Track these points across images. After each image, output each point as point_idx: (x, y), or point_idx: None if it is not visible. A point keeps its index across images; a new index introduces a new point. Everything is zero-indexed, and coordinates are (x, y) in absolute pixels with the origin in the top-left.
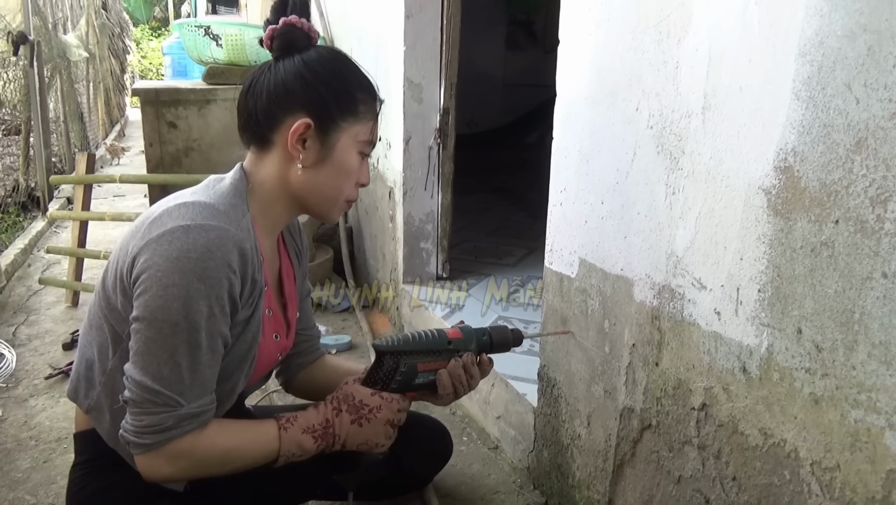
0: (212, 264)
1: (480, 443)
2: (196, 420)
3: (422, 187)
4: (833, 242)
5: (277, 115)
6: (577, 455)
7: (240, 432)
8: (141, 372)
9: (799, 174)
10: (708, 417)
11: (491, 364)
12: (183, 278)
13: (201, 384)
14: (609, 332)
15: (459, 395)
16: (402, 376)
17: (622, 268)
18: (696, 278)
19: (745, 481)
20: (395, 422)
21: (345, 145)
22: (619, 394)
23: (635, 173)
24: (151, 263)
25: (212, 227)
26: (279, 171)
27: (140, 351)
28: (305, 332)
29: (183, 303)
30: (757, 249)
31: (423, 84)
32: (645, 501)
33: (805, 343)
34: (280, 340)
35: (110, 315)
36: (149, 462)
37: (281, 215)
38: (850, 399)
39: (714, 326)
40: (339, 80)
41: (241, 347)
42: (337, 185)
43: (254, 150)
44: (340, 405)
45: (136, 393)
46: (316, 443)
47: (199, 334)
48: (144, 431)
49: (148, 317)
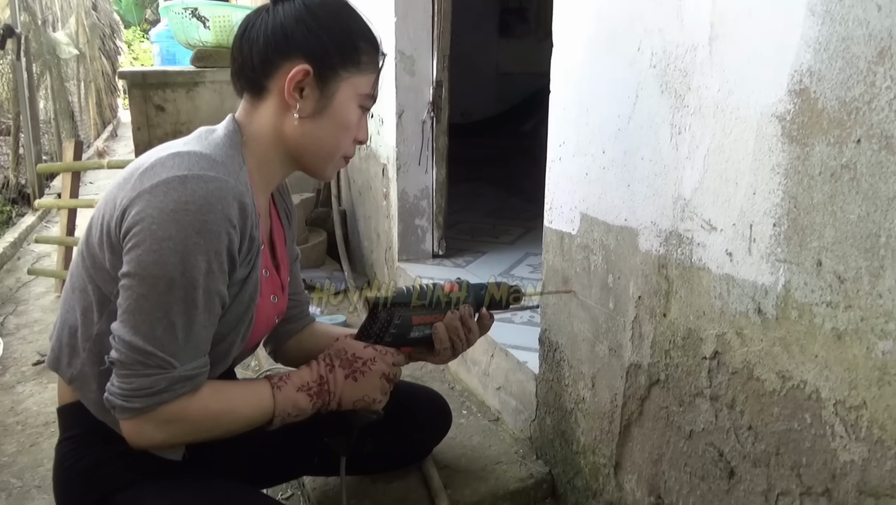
0: (211, 217)
1: (480, 416)
2: (189, 383)
3: (416, 162)
4: (855, 164)
5: (274, 61)
6: (581, 419)
7: (232, 395)
8: (132, 332)
9: (816, 95)
10: (720, 366)
11: (491, 319)
12: (180, 231)
13: (196, 346)
14: (613, 286)
15: (457, 351)
16: (397, 329)
17: (626, 218)
18: (705, 220)
19: (762, 429)
20: (391, 376)
21: (345, 96)
22: (624, 351)
23: (638, 117)
24: (145, 215)
25: (211, 178)
26: (274, 122)
27: (131, 309)
28: (294, 297)
29: (180, 258)
30: (771, 181)
31: (415, 56)
32: (654, 460)
33: (826, 275)
34: (278, 302)
35: (96, 275)
36: (137, 428)
37: (276, 171)
38: (876, 330)
39: (726, 269)
40: (342, 27)
41: (238, 307)
42: (334, 138)
43: (247, 99)
44: (333, 361)
45: (125, 354)
46: (311, 401)
47: (196, 292)
48: (134, 394)
49: (141, 272)
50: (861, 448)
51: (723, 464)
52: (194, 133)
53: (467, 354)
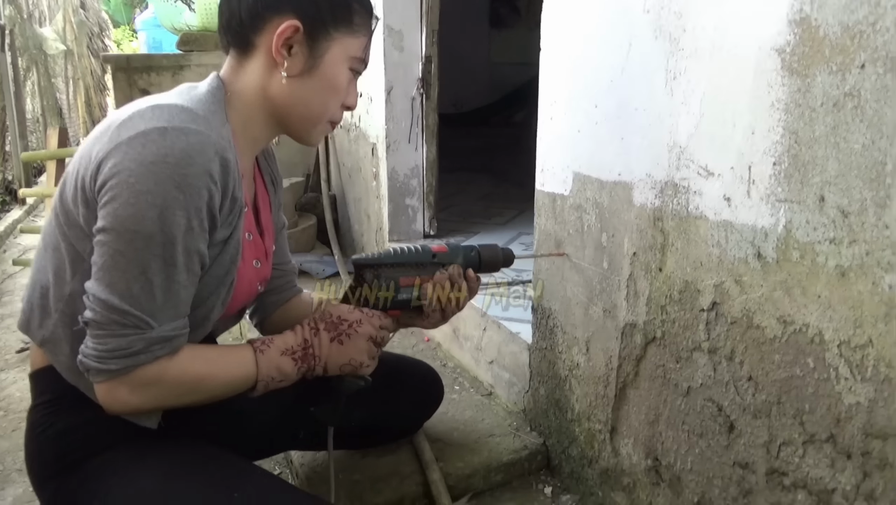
0: (192, 171)
1: (473, 391)
2: (168, 345)
3: (405, 140)
4: (859, 91)
5: (263, 16)
6: (575, 386)
7: (213, 358)
8: (107, 289)
9: (817, 23)
10: (718, 317)
11: (478, 281)
12: (159, 185)
13: (174, 306)
14: (607, 245)
15: (447, 314)
16: (384, 291)
17: (620, 172)
18: (701, 166)
19: (763, 379)
20: (378, 339)
21: (335, 57)
22: (619, 311)
23: (631, 66)
24: (122, 168)
25: (192, 131)
26: (260, 81)
27: (106, 266)
28: (281, 266)
29: (159, 212)
30: (770, 118)
31: (403, 31)
32: (651, 421)
33: (829, 211)
34: (261, 268)
35: (70, 232)
36: (112, 391)
37: (261, 132)
38: (882, 263)
39: (724, 215)
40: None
41: (219, 269)
42: (322, 100)
43: (233, 56)
44: (318, 324)
45: (99, 313)
46: (296, 365)
47: (175, 250)
48: (109, 355)
49: (117, 227)
50: (867, 389)
51: (722, 419)
52: (176, 88)
53: (459, 330)
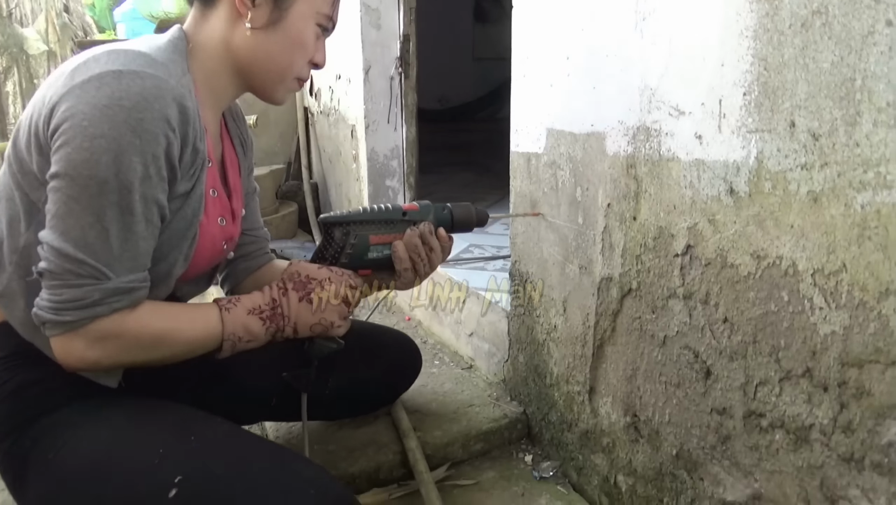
0: (148, 116)
1: (453, 365)
2: (126, 297)
3: (384, 120)
4: (827, 7)
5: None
6: (553, 349)
7: (176, 313)
8: (61, 237)
9: None
10: (693, 261)
11: (450, 241)
12: (114, 129)
13: (133, 257)
14: (582, 200)
15: (420, 273)
16: (353, 249)
17: (592, 123)
18: (672, 106)
19: (738, 319)
20: (348, 298)
21: (301, 11)
22: (595, 266)
23: (601, 11)
24: (76, 111)
25: (148, 75)
26: (223, 32)
27: (60, 213)
28: (252, 232)
29: (114, 157)
30: (739, 48)
31: (380, 9)
32: (628, 377)
33: (799, 136)
34: (226, 226)
35: (23, 180)
36: (67, 344)
37: (225, 88)
38: (854, 183)
39: (696, 153)
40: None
41: (180, 223)
42: (288, 56)
43: (196, 8)
44: (286, 284)
45: (54, 263)
46: (264, 325)
47: (131, 197)
48: (64, 306)
49: (70, 172)
50: (842, 316)
51: (698, 365)
52: (136, 38)
53: (439, 305)
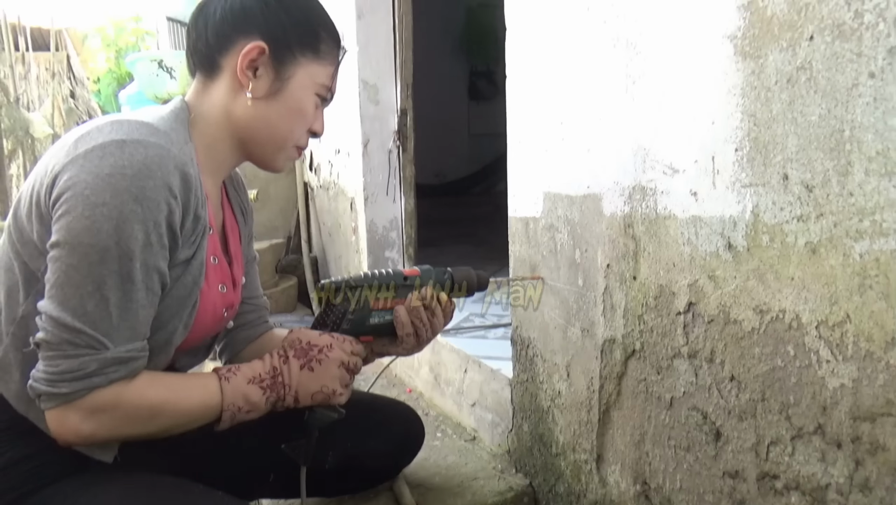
0: (150, 184)
1: (456, 437)
2: (124, 367)
3: (383, 192)
4: (810, 62)
5: (230, 37)
6: (558, 417)
7: (174, 384)
8: (59, 307)
9: (764, 3)
10: (696, 318)
11: (452, 306)
12: (115, 197)
13: (132, 326)
14: (581, 261)
15: (421, 338)
16: (355, 315)
17: (588, 185)
18: (667, 165)
19: (745, 376)
20: (350, 365)
21: (300, 82)
22: (597, 328)
23: (593, 77)
24: (78, 180)
25: (151, 144)
26: (225, 102)
27: (59, 282)
28: (252, 301)
29: (115, 225)
30: (729, 105)
31: (378, 85)
32: (636, 442)
33: (793, 188)
34: (227, 294)
35: (23, 249)
36: (62, 418)
37: (226, 157)
38: (851, 232)
39: (692, 210)
40: (304, 12)
41: (181, 290)
42: (287, 123)
43: (199, 79)
44: (287, 351)
45: (51, 333)
46: (264, 395)
47: (132, 265)
48: (60, 377)
49: (71, 241)
50: (850, 368)
51: (707, 427)
52: (139, 110)
53: (441, 376)
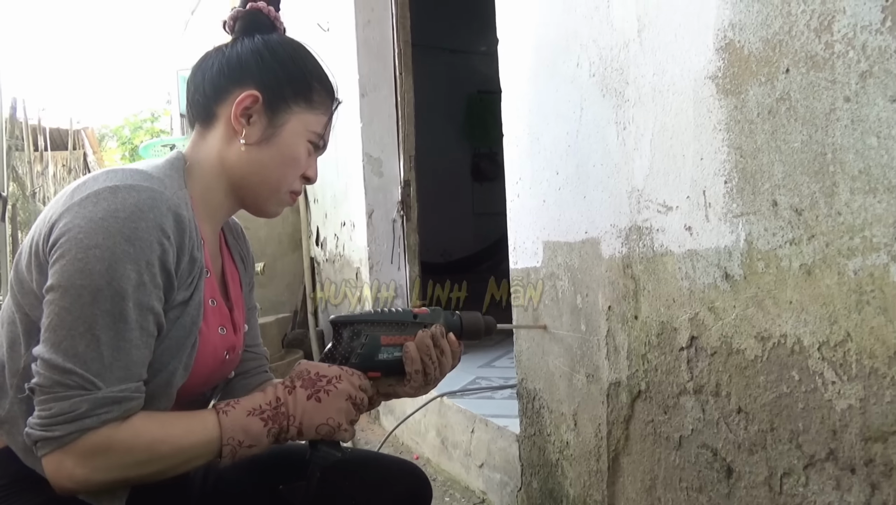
0: (142, 225)
1: (464, 501)
2: (117, 407)
3: (388, 261)
4: (788, 93)
5: (226, 87)
6: (567, 469)
7: (169, 421)
8: (52, 349)
9: (740, 43)
10: (699, 352)
11: (461, 347)
12: (108, 239)
13: (125, 366)
14: (582, 306)
15: (429, 377)
16: (364, 349)
17: (586, 230)
18: (660, 203)
19: (752, 407)
20: (357, 400)
21: (293, 129)
22: (602, 372)
23: (585, 127)
24: (72, 226)
25: (143, 188)
26: (219, 150)
27: (52, 325)
28: (252, 349)
29: (107, 266)
30: (715, 140)
31: (382, 158)
32: (648, 488)
33: (783, 213)
34: (227, 335)
35: (24, 300)
36: (57, 464)
37: (221, 203)
38: (843, 251)
39: (688, 244)
40: (297, 64)
41: (179, 331)
42: (280, 171)
43: (196, 131)
44: (294, 382)
45: (43, 376)
46: (266, 426)
47: (124, 304)
48: (53, 420)
49: (64, 284)
50: (855, 388)
51: (718, 464)
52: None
53: (448, 439)
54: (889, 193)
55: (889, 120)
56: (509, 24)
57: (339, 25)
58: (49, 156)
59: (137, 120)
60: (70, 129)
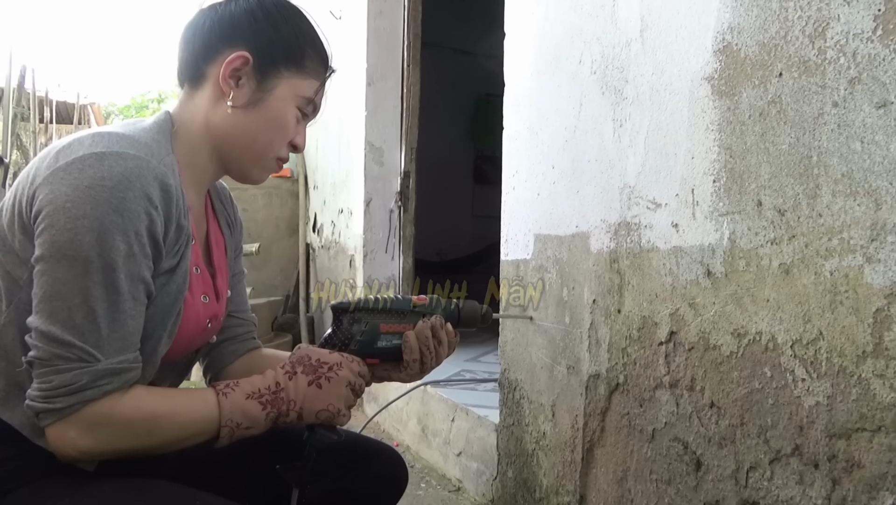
0: (130, 195)
1: (440, 487)
2: (117, 379)
3: (382, 250)
4: (780, 96)
5: (216, 46)
6: (542, 459)
7: (171, 396)
8: (48, 320)
9: (738, 46)
10: (677, 347)
11: (457, 337)
12: (96, 209)
13: (122, 337)
14: (568, 299)
15: (426, 365)
16: (364, 337)
17: (577, 224)
18: (650, 200)
19: (724, 401)
20: (356, 386)
21: (282, 94)
22: (582, 364)
23: (583, 123)
24: (58, 194)
25: (130, 156)
26: (206, 110)
27: (46, 296)
28: (239, 315)
29: (97, 236)
30: (707, 140)
31: (384, 148)
32: (619, 479)
33: (767, 213)
34: (210, 304)
35: (5, 258)
36: (61, 434)
37: (205, 167)
38: (821, 252)
39: (673, 241)
40: (291, 28)
41: (165, 299)
42: (266, 134)
43: (185, 91)
44: (295, 367)
45: (42, 349)
46: (264, 410)
47: (116, 275)
48: (54, 393)
49: (55, 254)
50: (824, 385)
51: (688, 457)
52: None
53: (429, 427)
54: (868, 197)
55: (874, 126)
56: (517, 18)
57: (352, 14)
58: (54, 128)
59: (144, 100)
60: (77, 103)
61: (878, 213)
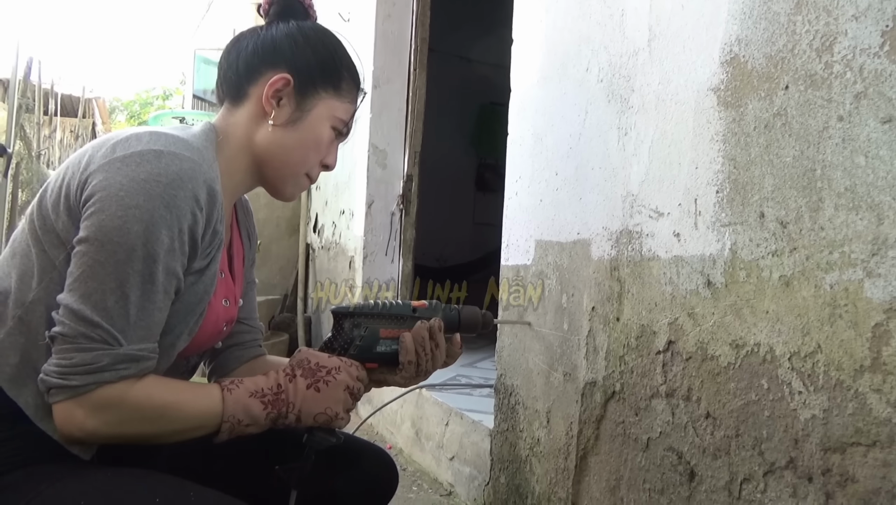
0: (181, 194)
1: (432, 491)
2: (135, 365)
3: (383, 252)
4: (786, 109)
5: (259, 68)
6: (536, 466)
7: (179, 388)
8: (80, 299)
9: (745, 59)
10: (674, 356)
11: (460, 348)
12: (148, 202)
13: (147, 326)
14: (567, 306)
15: (422, 369)
16: (363, 341)
17: (578, 231)
18: (652, 209)
19: (720, 412)
20: (354, 390)
21: (320, 114)
22: (579, 371)
23: (588, 131)
24: (113, 182)
25: (185, 158)
26: (247, 127)
27: (83, 276)
28: (248, 322)
29: (145, 227)
30: (711, 150)
31: (387, 151)
32: (612, 487)
33: (769, 225)
34: (229, 308)
35: (44, 237)
36: (69, 412)
37: (242, 179)
38: (822, 265)
39: (674, 251)
40: (329, 51)
41: (192, 297)
42: (302, 152)
43: (226, 107)
44: (295, 370)
45: (68, 326)
46: (265, 410)
47: (155, 267)
48: (72, 370)
49: (101, 238)
50: (820, 398)
51: (682, 467)
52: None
53: (422, 430)
54: (871, 211)
55: (878, 140)
56: (525, 25)
57: (360, 16)
58: (58, 121)
59: (149, 96)
60: (82, 96)
61: (879, 227)
